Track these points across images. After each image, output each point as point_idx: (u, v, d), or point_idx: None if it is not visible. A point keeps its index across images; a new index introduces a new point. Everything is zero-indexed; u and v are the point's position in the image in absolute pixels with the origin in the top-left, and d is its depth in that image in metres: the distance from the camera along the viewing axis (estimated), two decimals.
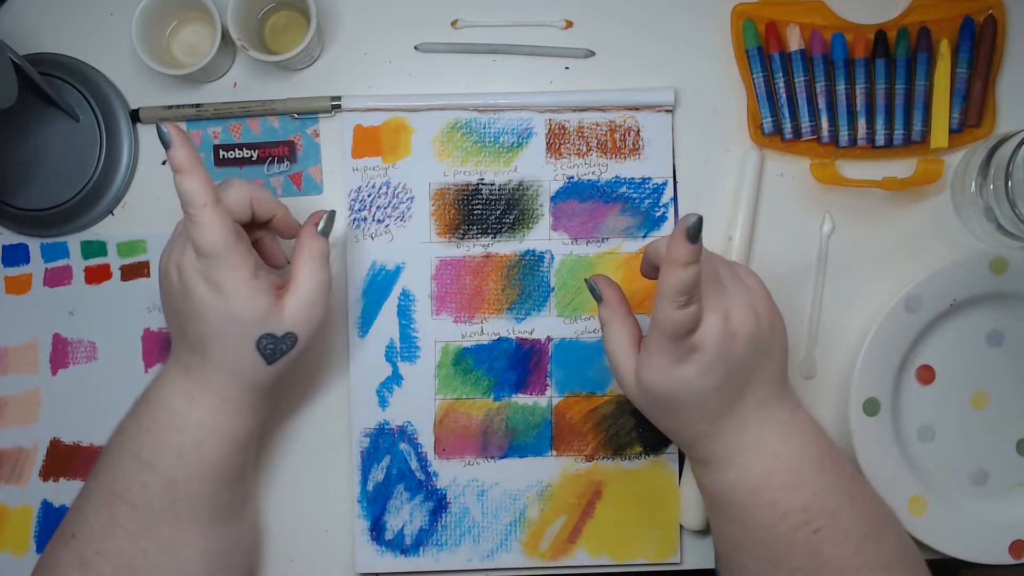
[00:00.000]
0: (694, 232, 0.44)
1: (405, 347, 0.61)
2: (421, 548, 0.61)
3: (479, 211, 0.61)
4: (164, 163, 0.62)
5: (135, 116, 0.62)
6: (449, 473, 0.61)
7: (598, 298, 0.53)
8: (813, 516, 0.48)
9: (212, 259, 0.49)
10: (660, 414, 0.51)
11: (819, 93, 0.61)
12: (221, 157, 0.62)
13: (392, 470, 0.61)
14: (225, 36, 0.58)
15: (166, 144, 0.49)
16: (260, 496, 0.61)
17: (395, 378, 0.61)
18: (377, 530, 0.61)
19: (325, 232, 0.54)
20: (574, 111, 0.61)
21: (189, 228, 0.49)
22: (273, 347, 0.51)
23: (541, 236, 0.61)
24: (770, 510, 0.48)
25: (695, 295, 0.46)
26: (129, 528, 0.51)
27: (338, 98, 0.61)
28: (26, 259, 0.62)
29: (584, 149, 0.61)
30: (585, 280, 0.54)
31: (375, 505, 0.61)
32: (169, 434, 0.51)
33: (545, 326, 0.61)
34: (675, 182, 0.62)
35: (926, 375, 0.61)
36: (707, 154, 0.62)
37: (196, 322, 0.50)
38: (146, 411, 0.53)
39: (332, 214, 0.55)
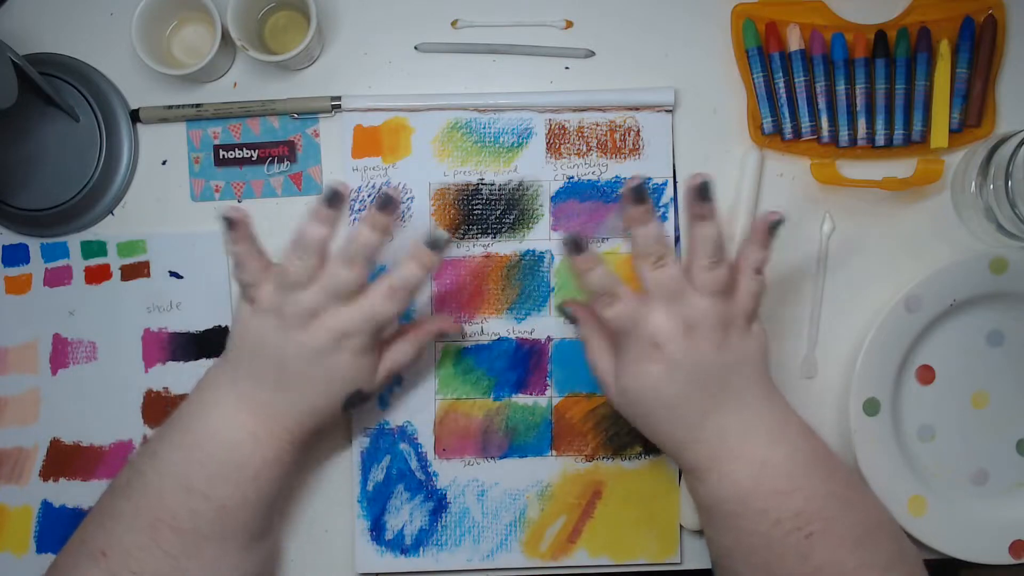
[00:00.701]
0: (567, 316, 0.54)
1: None
2: (421, 548, 0.61)
3: (479, 211, 0.61)
4: (164, 163, 0.62)
5: (135, 116, 0.62)
6: (449, 473, 0.61)
7: (573, 320, 0.57)
8: (806, 521, 0.48)
9: (369, 332, 0.51)
10: (641, 420, 0.52)
11: (819, 93, 0.61)
12: (221, 157, 0.62)
13: (392, 470, 0.61)
14: (225, 36, 0.58)
15: (438, 245, 0.51)
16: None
17: (395, 378, 0.61)
18: (377, 530, 0.61)
19: (439, 337, 0.60)
20: (574, 111, 0.61)
21: (381, 297, 0.51)
22: (357, 400, 0.55)
23: (541, 236, 0.61)
24: (762, 517, 0.48)
25: (614, 291, 0.49)
26: (171, 550, 0.50)
27: (338, 98, 0.61)
28: (26, 259, 0.62)
29: (584, 149, 0.61)
30: (558, 307, 0.58)
31: (375, 505, 0.61)
32: (227, 469, 0.51)
33: (545, 326, 0.61)
34: (675, 182, 0.62)
35: (926, 375, 0.61)
36: (707, 154, 0.62)
37: (304, 367, 0.51)
38: (195, 443, 0.52)
39: (462, 334, 0.61)
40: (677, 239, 0.61)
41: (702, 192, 0.49)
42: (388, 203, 0.50)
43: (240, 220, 0.50)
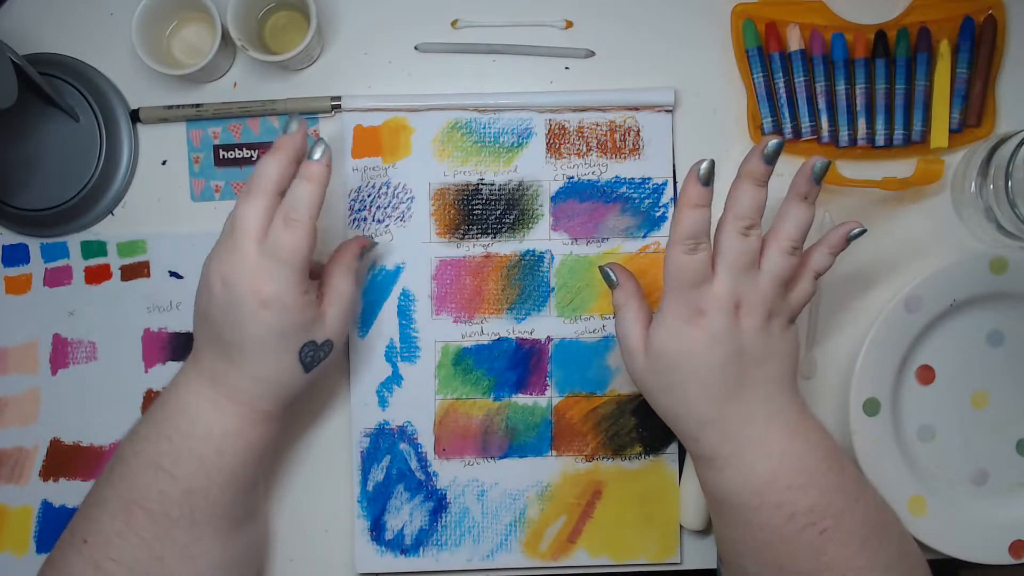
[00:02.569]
0: (706, 175, 0.48)
1: (405, 347, 0.61)
2: (421, 548, 0.61)
3: (479, 211, 0.61)
4: (164, 163, 0.62)
5: (135, 116, 0.62)
6: (449, 473, 0.61)
7: (612, 283, 0.53)
8: (819, 517, 0.48)
9: (285, 268, 0.49)
10: (664, 393, 0.51)
11: (819, 93, 0.61)
12: (221, 157, 0.62)
13: (392, 470, 0.61)
14: (225, 36, 0.58)
15: (311, 153, 0.51)
16: (269, 502, 0.61)
17: (395, 378, 0.61)
18: (377, 530, 0.61)
19: (362, 256, 0.58)
20: (574, 111, 0.61)
21: (281, 230, 0.49)
22: (312, 354, 0.53)
23: (541, 236, 0.61)
24: (777, 511, 0.48)
25: (702, 241, 0.48)
26: (145, 535, 0.50)
27: (338, 98, 0.61)
28: (26, 259, 0.62)
29: (584, 149, 0.61)
30: (599, 267, 0.54)
31: (375, 505, 0.61)
32: (191, 443, 0.51)
33: (545, 326, 0.61)
34: (675, 182, 0.62)
35: (926, 375, 0.61)
36: (707, 154, 0.61)
37: (238, 331, 0.50)
38: (165, 418, 0.52)
39: (374, 243, 0.59)
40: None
41: (817, 173, 0.49)
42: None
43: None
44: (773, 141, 0.48)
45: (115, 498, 0.51)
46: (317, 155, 0.51)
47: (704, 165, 0.47)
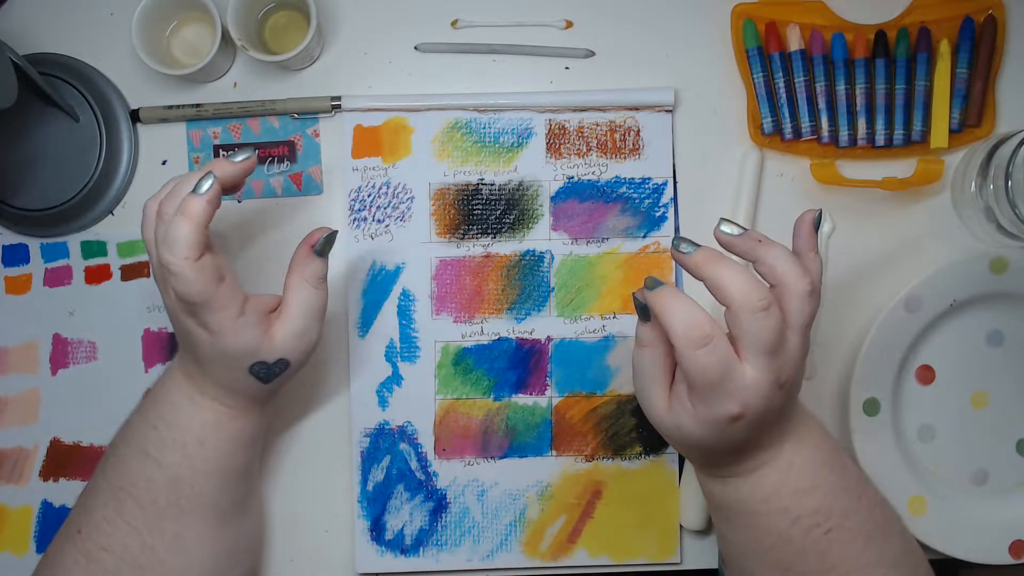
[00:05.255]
0: (640, 309, 0.46)
1: (405, 347, 0.61)
2: (421, 548, 0.61)
3: (479, 211, 0.61)
4: (164, 163, 0.62)
5: (135, 116, 0.62)
6: (449, 473, 0.61)
7: (646, 316, 0.47)
8: (824, 518, 0.48)
9: (195, 306, 0.47)
10: (689, 451, 0.50)
11: (819, 93, 0.61)
12: (221, 157, 0.62)
13: (392, 470, 0.61)
14: (225, 36, 0.58)
15: (196, 186, 0.47)
16: (263, 495, 0.61)
17: (395, 378, 0.61)
18: (377, 530, 0.61)
19: (322, 252, 0.51)
20: (574, 111, 0.61)
21: (168, 277, 0.47)
22: (266, 371, 0.51)
23: (541, 236, 0.61)
24: (782, 516, 0.48)
25: (712, 335, 0.43)
26: (134, 523, 0.51)
27: (338, 98, 0.61)
28: (26, 259, 0.62)
29: (584, 149, 0.61)
30: (634, 294, 0.48)
31: (375, 505, 0.61)
32: (174, 432, 0.52)
33: (545, 326, 0.61)
34: (675, 182, 0.62)
35: (926, 375, 0.61)
36: (707, 154, 0.62)
37: (191, 347, 0.51)
38: (152, 407, 0.53)
39: (332, 235, 0.52)
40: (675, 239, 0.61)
41: (817, 224, 0.47)
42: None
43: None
44: (722, 224, 0.46)
45: (106, 487, 0.52)
46: (202, 188, 0.47)
47: (681, 243, 0.46)
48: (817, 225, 0.47)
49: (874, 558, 0.48)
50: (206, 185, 0.47)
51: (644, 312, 0.47)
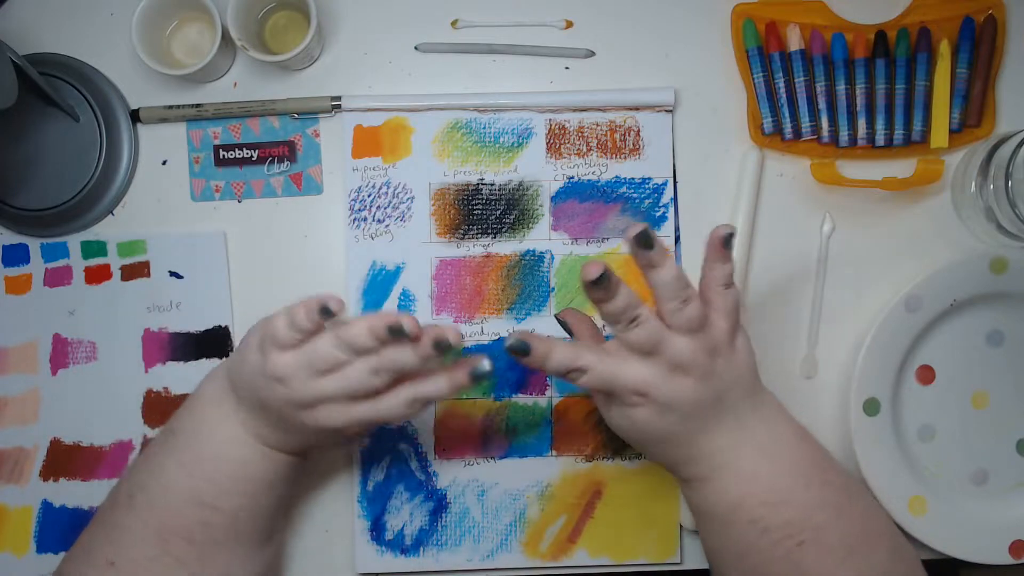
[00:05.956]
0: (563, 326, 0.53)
1: None
2: (421, 548, 0.61)
3: (479, 211, 0.61)
4: (164, 163, 0.62)
5: (135, 116, 0.62)
6: (449, 473, 0.61)
7: (570, 333, 0.56)
8: (797, 530, 0.48)
9: (373, 425, 0.51)
10: (637, 446, 0.53)
11: (819, 93, 0.61)
12: (221, 157, 0.62)
13: (392, 470, 0.61)
14: (225, 36, 0.58)
15: (480, 371, 0.49)
16: None
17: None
18: (377, 530, 0.61)
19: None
20: (574, 111, 0.61)
21: (399, 407, 0.48)
22: (351, 442, 0.55)
23: (541, 236, 0.61)
24: (751, 526, 0.49)
25: (576, 367, 0.48)
26: (184, 559, 0.51)
27: (338, 98, 0.61)
28: (26, 259, 0.62)
29: (584, 149, 0.61)
30: (556, 316, 0.57)
31: (375, 505, 0.61)
32: (239, 484, 0.52)
33: (545, 326, 0.61)
34: (675, 182, 0.62)
35: (926, 375, 0.61)
36: (707, 154, 0.62)
37: (299, 427, 0.50)
38: (202, 461, 0.51)
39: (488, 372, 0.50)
40: (678, 239, 0.61)
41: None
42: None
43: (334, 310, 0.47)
44: (636, 231, 0.46)
45: (143, 528, 0.51)
46: (480, 376, 0.49)
47: (512, 341, 0.49)
48: (726, 243, 0.48)
49: (853, 572, 0.48)
50: (486, 367, 0.49)
51: (567, 329, 0.55)
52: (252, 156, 0.62)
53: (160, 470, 0.52)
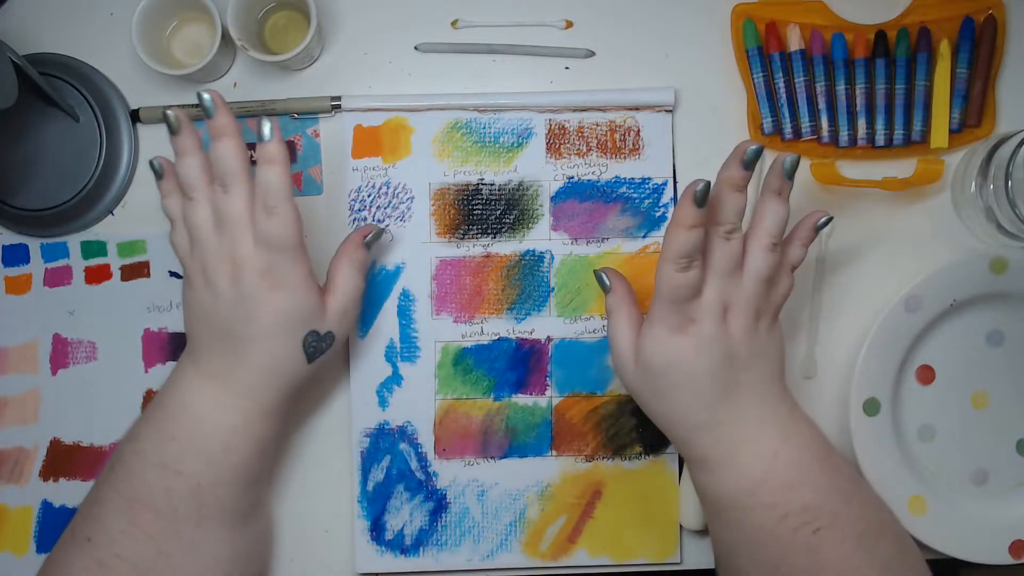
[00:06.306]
0: (701, 197, 0.47)
1: (405, 347, 0.61)
2: (421, 548, 0.61)
3: (479, 211, 0.61)
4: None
5: (135, 116, 0.62)
6: (449, 473, 0.61)
7: (605, 288, 0.54)
8: (813, 516, 0.48)
9: (283, 253, 0.50)
10: (655, 399, 0.51)
11: (819, 93, 0.61)
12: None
13: (392, 470, 0.61)
14: (225, 36, 0.58)
15: (263, 136, 0.50)
16: (272, 499, 0.61)
17: (395, 378, 0.61)
18: (377, 530, 0.61)
19: (369, 246, 0.57)
20: (574, 111, 0.61)
21: (265, 220, 0.49)
22: (315, 345, 0.53)
23: (541, 236, 0.61)
24: (770, 511, 0.48)
25: (695, 259, 0.48)
26: (151, 532, 0.51)
27: (338, 98, 0.61)
28: (26, 259, 0.62)
29: (584, 149, 0.61)
30: (594, 271, 0.55)
31: (375, 505, 0.61)
32: (197, 440, 0.51)
33: (545, 326, 0.61)
34: (675, 182, 0.62)
35: (926, 375, 0.61)
36: (707, 154, 0.62)
37: (245, 324, 0.51)
38: (166, 417, 0.52)
39: (380, 231, 0.58)
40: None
41: (787, 169, 0.49)
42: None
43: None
44: (752, 148, 0.48)
45: (117, 498, 0.51)
46: (267, 135, 0.50)
47: (700, 187, 0.47)
48: (789, 172, 0.50)
49: (866, 559, 0.48)
50: (267, 129, 0.50)
51: (604, 284, 0.54)
52: (252, 156, 0.62)
53: (135, 437, 0.53)
